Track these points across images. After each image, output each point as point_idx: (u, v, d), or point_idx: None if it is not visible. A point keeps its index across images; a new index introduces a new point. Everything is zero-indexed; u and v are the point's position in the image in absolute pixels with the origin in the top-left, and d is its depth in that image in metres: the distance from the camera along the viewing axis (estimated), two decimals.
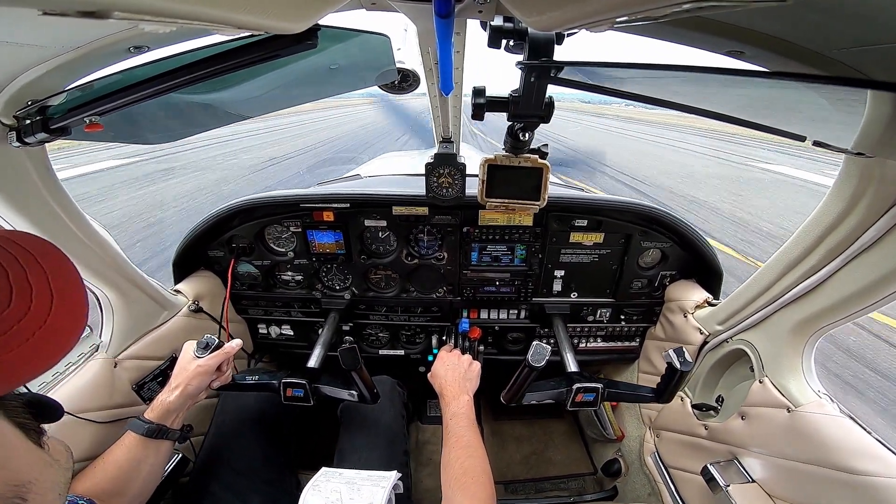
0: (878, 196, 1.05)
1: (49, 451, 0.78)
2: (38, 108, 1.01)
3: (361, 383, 1.61)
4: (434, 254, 2.17)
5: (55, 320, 0.68)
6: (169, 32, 0.68)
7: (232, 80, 1.15)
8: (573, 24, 0.58)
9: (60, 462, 0.81)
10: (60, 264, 0.74)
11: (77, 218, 1.37)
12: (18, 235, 0.73)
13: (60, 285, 0.71)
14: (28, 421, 0.75)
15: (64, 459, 0.83)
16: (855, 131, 0.86)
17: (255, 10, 0.56)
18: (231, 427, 1.79)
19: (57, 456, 0.81)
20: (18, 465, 0.70)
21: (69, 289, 0.73)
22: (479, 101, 1.15)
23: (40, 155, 1.18)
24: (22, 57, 0.87)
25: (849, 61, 0.70)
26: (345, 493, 1.35)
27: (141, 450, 1.32)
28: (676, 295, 2.13)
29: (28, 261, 0.70)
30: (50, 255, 0.73)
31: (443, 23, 0.77)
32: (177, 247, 2.08)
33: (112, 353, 1.64)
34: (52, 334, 0.67)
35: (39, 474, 0.73)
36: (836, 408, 1.31)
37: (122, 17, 0.44)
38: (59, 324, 0.68)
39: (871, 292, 1.17)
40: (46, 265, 0.71)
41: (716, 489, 1.57)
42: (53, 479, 0.77)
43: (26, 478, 0.70)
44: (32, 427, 0.76)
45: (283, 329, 2.47)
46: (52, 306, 0.68)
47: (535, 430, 3.12)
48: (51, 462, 0.78)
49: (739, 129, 1.04)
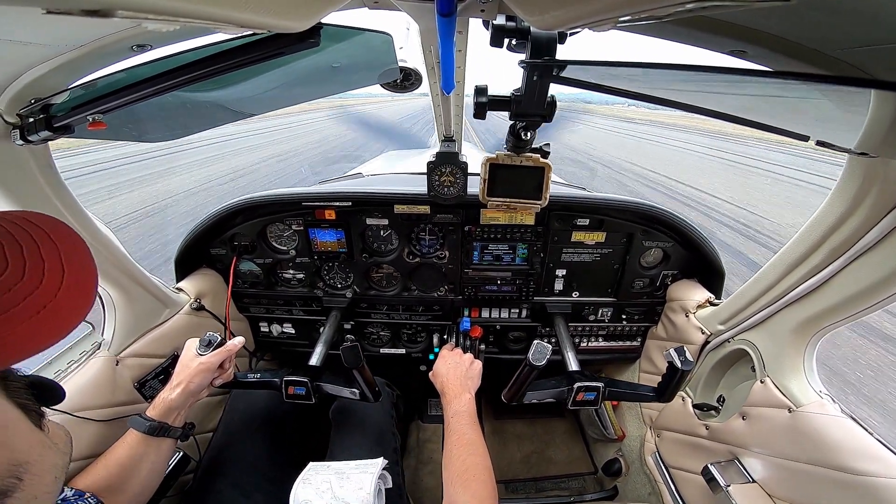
0: (881, 196, 1.05)
1: (49, 434, 0.80)
2: (42, 107, 1.02)
3: (363, 381, 1.61)
4: (435, 252, 2.17)
5: (65, 295, 0.69)
6: (172, 31, 0.68)
7: (234, 79, 1.15)
8: (576, 23, 0.58)
9: (59, 446, 0.82)
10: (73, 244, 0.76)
11: (80, 215, 1.37)
12: (34, 215, 0.74)
13: (72, 263, 0.73)
14: (30, 402, 0.77)
15: (62, 444, 0.85)
16: (858, 131, 0.86)
17: (257, 9, 0.56)
18: (240, 425, 1.80)
19: (56, 440, 0.82)
20: (18, 444, 0.71)
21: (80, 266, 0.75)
22: (482, 99, 1.15)
23: (43, 153, 1.18)
24: (25, 55, 0.87)
25: (852, 61, 0.70)
26: (335, 483, 1.37)
27: (142, 447, 1.32)
28: (678, 294, 2.13)
29: (42, 238, 0.71)
30: (63, 234, 0.75)
31: (445, 21, 0.77)
32: (179, 245, 2.09)
33: (114, 350, 1.64)
34: (62, 309, 0.69)
35: (38, 456, 0.74)
36: (837, 408, 1.31)
37: (126, 15, 0.44)
38: (68, 300, 0.70)
39: (873, 292, 1.16)
40: (60, 243, 0.73)
41: (716, 489, 1.57)
42: (52, 461, 0.78)
43: (25, 458, 0.71)
44: (34, 408, 0.77)
45: (285, 327, 2.48)
46: (62, 282, 0.70)
47: (536, 430, 3.13)
48: (50, 445, 0.79)
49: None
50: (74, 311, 0.71)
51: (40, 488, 0.73)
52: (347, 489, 1.35)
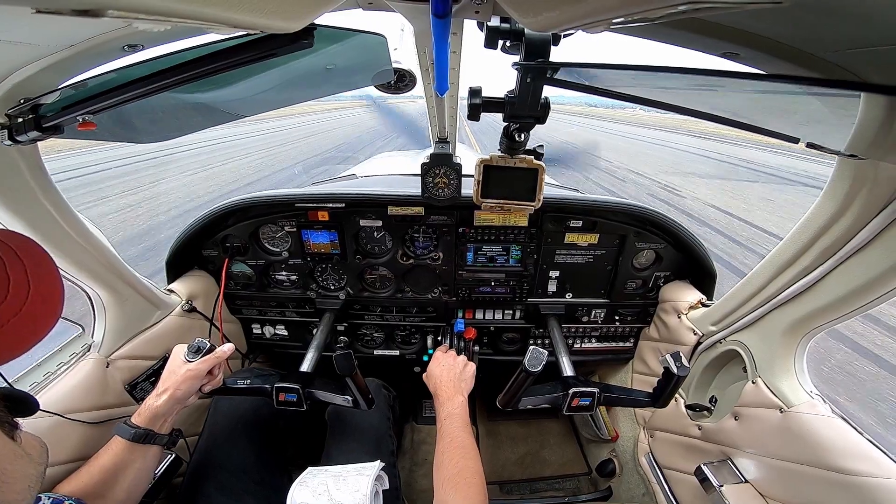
0: (870, 197, 1.06)
1: (21, 444, 0.81)
2: (31, 107, 1.00)
3: (356, 389, 1.59)
4: (429, 254, 2.17)
5: (31, 308, 0.73)
6: (163, 31, 0.67)
7: (227, 80, 1.15)
8: (569, 24, 0.58)
9: (33, 456, 0.84)
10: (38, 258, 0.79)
11: (69, 216, 1.36)
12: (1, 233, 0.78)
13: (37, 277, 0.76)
14: (2, 414, 0.79)
15: (37, 454, 0.86)
16: (848, 133, 0.87)
17: (250, 9, 0.56)
18: (224, 428, 1.77)
19: (30, 450, 0.83)
20: None
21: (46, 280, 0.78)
22: (476, 101, 1.14)
23: (32, 153, 1.17)
24: (15, 55, 0.86)
25: (843, 63, 0.71)
26: (331, 485, 1.37)
27: (127, 454, 1.30)
28: (670, 296, 2.14)
29: (6, 254, 0.74)
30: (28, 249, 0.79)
31: (439, 23, 0.76)
32: (170, 246, 2.07)
33: (104, 352, 1.62)
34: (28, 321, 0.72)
35: (9, 465, 0.76)
36: (828, 408, 1.32)
37: (117, 15, 0.44)
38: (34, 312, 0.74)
39: (863, 293, 1.17)
40: (25, 259, 0.76)
41: (709, 489, 1.57)
42: (23, 471, 0.79)
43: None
44: (6, 420, 0.79)
45: (278, 329, 2.46)
46: (28, 296, 0.73)
47: (530, 431, 3.13)
48: (22, 455, 0.80)
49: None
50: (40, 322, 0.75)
51: (10, 496, 0.75)
52: (344, 491, 1.35)
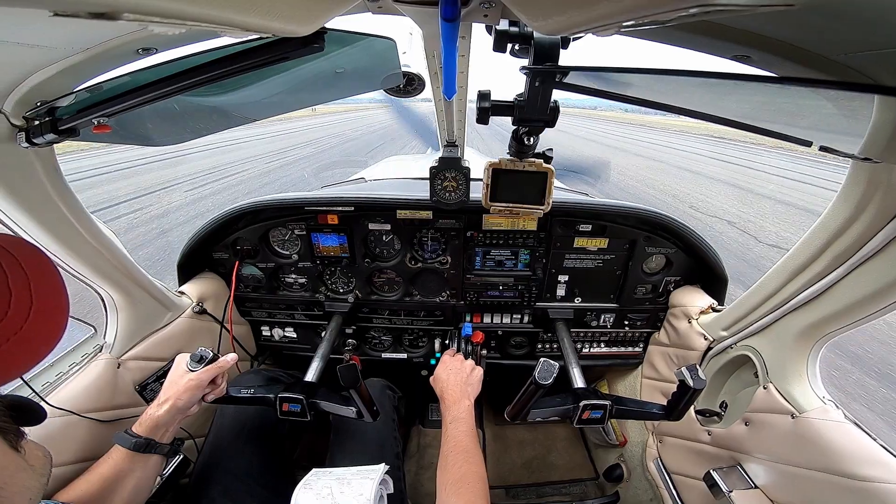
0: (885, 202, 1.04)
1: (25, 456, 0.79)
2: (48, 109, 1.02)
3: (361, 401, 1.57)
4: (437, 258, 2.17)
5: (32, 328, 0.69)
6: (177, 34, 0.68)
7: (239, 83, 1.16)
8: (579, 28, 0.58)
9: (36, 468, 0.82)
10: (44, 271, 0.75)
11: (84, 219, 1.38)
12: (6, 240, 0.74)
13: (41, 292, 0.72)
14: (7, 424, 0.76)
15: (40, 465, 0.84)
16: (862, 136, 0.86)
17: (262, 13, 0.57)
18: (229, 432, 1.78)
19: (33, 461, 0.81)
20: None
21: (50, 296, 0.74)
22: (485, 105, 1.15)
23: (49, 156, 1.19)
24: (32, 58, 0.87)
25: (856, 66, 0.70)
26: (335, 488, 1.37)
27: (127, 463, 1.29)
28: (681, 300, 2.12)
29: (11, 265, 0.70)
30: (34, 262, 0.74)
31: (448, 27, 0.77)
32: (181, 249, 2.09)
33: (116, 353, 1.64)
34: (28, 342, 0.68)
35: (10, 477, 0.74)
36: (840, 414, 1.30)
37: (132, 18, 0.45)
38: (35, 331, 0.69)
39: (877, 299, 1.16)
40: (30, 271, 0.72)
41: (718, 495, 1.56)
42: (24, 483, 0.77)
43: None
44: (11, 430, 0.77)
45: (287, 331, 2.48)
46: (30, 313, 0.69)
47: (538, 435, 3.11)
48: (25, 467, 0.78)
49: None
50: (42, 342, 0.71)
51: None
52: (348, 494, 1.34)
